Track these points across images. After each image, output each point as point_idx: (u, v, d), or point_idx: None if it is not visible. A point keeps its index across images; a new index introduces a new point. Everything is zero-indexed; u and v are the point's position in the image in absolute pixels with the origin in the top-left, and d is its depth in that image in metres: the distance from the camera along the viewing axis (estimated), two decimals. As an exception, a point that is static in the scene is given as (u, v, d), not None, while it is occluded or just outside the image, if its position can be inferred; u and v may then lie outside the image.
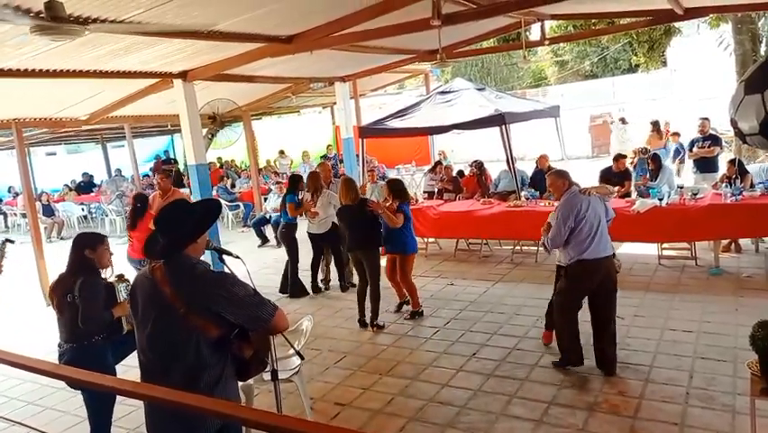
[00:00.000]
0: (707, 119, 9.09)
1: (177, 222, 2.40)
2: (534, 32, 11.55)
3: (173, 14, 5.16)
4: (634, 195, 8.02)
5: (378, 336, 5.77)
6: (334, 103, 14.67)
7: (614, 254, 4.55)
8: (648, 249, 7.47)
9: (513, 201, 8.35)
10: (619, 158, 8.66)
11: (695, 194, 7.11)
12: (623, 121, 14.50)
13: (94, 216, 15.96)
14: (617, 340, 4.60)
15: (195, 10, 5.27)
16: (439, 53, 6.77)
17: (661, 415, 3.86)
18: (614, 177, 8.42)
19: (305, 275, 7.44)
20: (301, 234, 7.43)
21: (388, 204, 5.97)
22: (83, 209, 16.04)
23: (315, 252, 7.32)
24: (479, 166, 10.11)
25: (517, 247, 8.21)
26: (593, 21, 11.48)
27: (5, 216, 17.55)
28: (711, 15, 10.44)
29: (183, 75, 7.95)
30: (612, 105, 19.99)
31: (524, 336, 5.40)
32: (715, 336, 4.96)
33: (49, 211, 14.64)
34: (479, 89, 10.05)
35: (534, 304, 6.16)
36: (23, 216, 14.66)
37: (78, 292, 3.45)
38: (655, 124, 12.24)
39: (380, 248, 6.13)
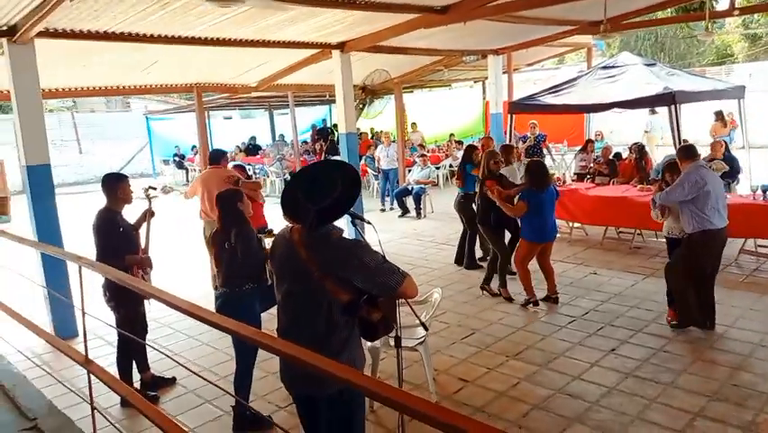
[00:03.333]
0: None
1: (326, 189, 2.38)
2: (722, 1, 10.15)
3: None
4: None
5: (509, 317, 5.62)
6: (487, 77, 14.32)
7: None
8: None
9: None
10: None
11: None
12: (652, 111, 13.19)
13: (258, 176, 17.43)
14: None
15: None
16: (603, 24, 6.22)
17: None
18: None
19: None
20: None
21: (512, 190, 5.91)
22: (249, 169, 17.59)
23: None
24: (639, 149, 9.27)
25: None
26: (800, -14, 9.78)
27: (187, 171, 19.89)
28: None
29: (341, 46, 8.27)
30: (815, 86, 17.04)
31: (674, 339, 4.91)
32: None
33: (221, 169, 16.24)
34: (648, 65, 9.09)
35: (689, 305, 5.56)
36: (201, 171, 16.45)
37: (236, 238, 3.81)
38: (719, 114, 12.56)
39: (497, 226, 6.18)
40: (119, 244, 4.25)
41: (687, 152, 5.02)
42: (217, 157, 6.53)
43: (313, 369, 1.69)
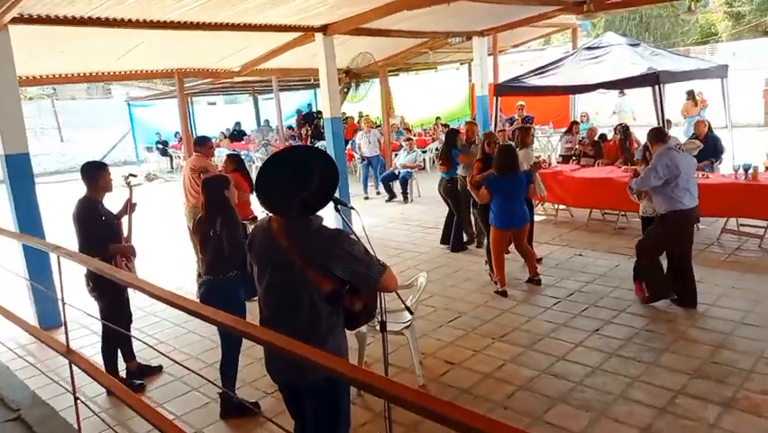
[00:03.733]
0: None
1: (304, 176, 2.31)
2: (706, -20, 10.12)
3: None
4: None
5: (494, 299, 5.66)
6: (472, 59, 14.26)
7: None
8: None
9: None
10: None
11: None
12: (621, 93, 13.56)
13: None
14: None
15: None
16: (586, 4, 6.20)
17: (814, 424, 3.37)
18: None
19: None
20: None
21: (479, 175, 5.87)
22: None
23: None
24: (624, 130, 9.29)
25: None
26: (783, -35, 9.79)
27: (171, 158, 19.67)
28: None
29: (323, 29, 8.17)
30: (798, 66, 17.16)
31: (656, 318, 4.97)
32: None
33: (205, 155, 16.09)
34: (632, 45, 9.08)
35: (672, 284, 5.64)
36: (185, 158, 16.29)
37: (220, 227, 3.77)
38: (690, 94, 12.76)
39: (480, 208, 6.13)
40: (101, 233, 4.19)
41: (657, 134, 5.13)
42: (195, 143, 6.50)
43: (297, 358, 1.68)
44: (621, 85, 8.23)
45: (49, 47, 7.19)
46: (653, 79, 7.61)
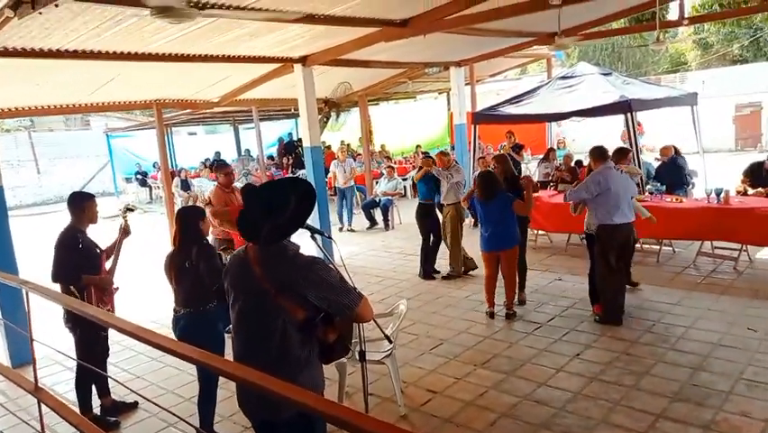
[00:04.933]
0: None
1: (280, 205, 2.33)
2: (673, 11, 10.51)
3: (291, 1, 5.33)
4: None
5: (475, 326, 5.64)
6: (451, 89, 14.50)
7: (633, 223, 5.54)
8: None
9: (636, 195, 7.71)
10: None
11: None
12: (558, 124, 14.26)
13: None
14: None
15: (312, -5, 5.41)
16: (557, 35, 6.38)
17: (792, 445, 3.40)
18: (762, 176, 7.43)
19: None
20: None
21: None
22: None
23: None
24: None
25: (637, 245, 7.58)
26: (745, -3, 10.21)
27: (150, 188, 19.51)
28: None
29: (303, 60, 8.25)
30: (764, 93, 17.78)
31: (635, 341, 5.00)
32: None
33: (186, 186, 16.03)
34: (604, 74, 9.35)
35: (650, 307, 5.70)
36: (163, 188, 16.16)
37: (197, 257, 3.73)
38: None
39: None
40: (78, 262, 4.11)
41: (598, 153, 5.47)
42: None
43: (269, 393, 1.65)
44: (594, 113, 8.43)
45: (24, 79, 7.14)
46: (625, 107, 7.82)
